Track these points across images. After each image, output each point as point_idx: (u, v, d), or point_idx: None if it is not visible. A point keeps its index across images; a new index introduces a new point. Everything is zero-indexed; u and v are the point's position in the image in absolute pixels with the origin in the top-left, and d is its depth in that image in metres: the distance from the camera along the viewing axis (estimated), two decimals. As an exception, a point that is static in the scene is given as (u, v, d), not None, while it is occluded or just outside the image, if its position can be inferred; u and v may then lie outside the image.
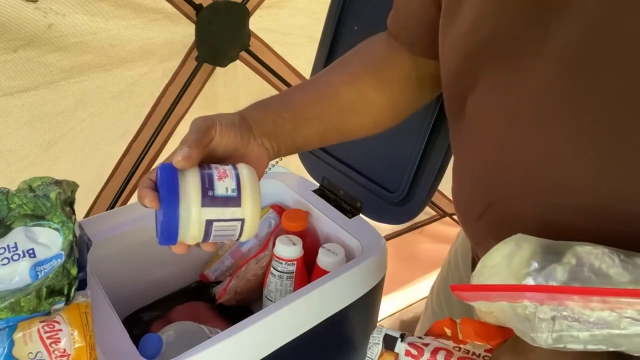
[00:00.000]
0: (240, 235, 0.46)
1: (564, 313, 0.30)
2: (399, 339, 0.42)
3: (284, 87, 1.24)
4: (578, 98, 0.36)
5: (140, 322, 0.72)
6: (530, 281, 0.32)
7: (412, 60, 0.56)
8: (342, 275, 0.60)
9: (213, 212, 0.44)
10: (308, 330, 0.59)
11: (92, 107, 0.98)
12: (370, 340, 0.43)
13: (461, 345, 0.39)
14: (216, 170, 0.46)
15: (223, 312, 0.75)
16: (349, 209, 0.75)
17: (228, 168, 0.46)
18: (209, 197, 0.44)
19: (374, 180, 0.74)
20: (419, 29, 0.53)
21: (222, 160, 0.49)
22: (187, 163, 0.44)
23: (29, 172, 0.74)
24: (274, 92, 1.24)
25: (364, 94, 0.56)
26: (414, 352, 0.40)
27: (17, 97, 0.88)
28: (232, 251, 0.78)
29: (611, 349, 0.30)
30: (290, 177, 0.81)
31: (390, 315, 1.64)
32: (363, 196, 0.75)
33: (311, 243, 0.72)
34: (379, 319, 0.75)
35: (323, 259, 0.66)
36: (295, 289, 0.67)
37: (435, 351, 0.39)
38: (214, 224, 0.45)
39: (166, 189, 0.43)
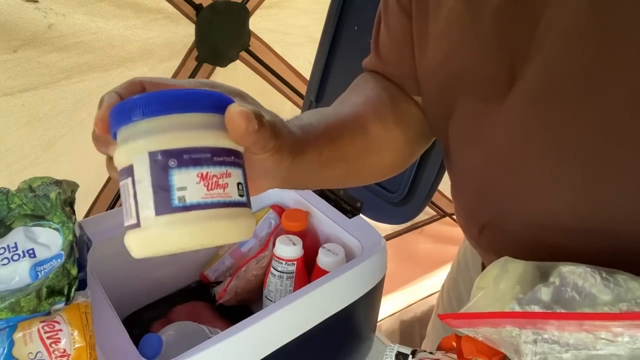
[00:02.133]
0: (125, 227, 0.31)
1: (545, 336, 0.31)
2: (410, 356, 0.42)
3: (284, 87, 1.24)
4: (547, 130, 0.38)
5: (140, 322, 0.72)
6: (514, 305, 0.33)
7: (413, 98, 0.54)
8: (342, 275, 0.60)
9: (142, 173, 0.29)
10: (308, 331, 0.59)
11: (92, 107, 0.97)
12: (383, 357, 0.43)
13: None
14: (219, 173, 0.30)
15: (223, 312, 0.75)
16: (349, 209, 0.75)
17: (228, 192, 0.30)
18: (164, 161, 0.29)
19: (374, 180, 0.74)
20: (412, 67, 0.50)
21: None
22: (239, 131, 0.30)
23: (29, 172, 0.74)
24: (274, 92, 1.24)
25: (389, 133, 0.51)
26: None
27: (17, 97, 0.88)
28: (232, 251, 0.78)
29: None
30: (290, 177, 0.81)
31: (390, 315, 1.64)
32: (363, 196, 0.75)
33: (311, 243, 0.72)
34: (379, 319, 0.75)
35: (323, 259, 0.66)
36: (295, 289, 0.67)
37: None
38: (122, 179, 0.30)
39: (185, 94, 0.30)
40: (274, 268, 0.68)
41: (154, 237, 0.29)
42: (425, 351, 0.42)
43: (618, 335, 0.29)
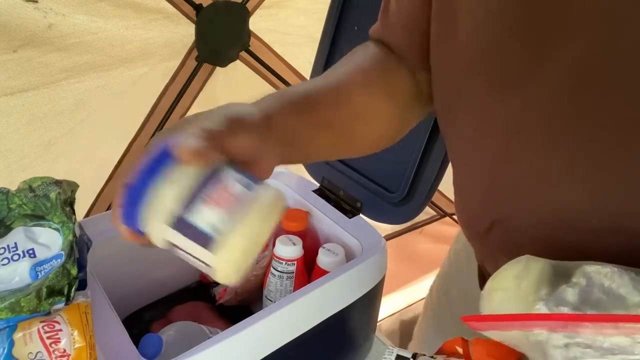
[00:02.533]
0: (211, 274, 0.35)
1: (577, 340, 0.30)
2: (411, 359, 0.41)
3: (283, 87, 1.23)
4: (572, 122, 0.36)
5: (140, 322, 0.72)
6: (541, 306, 0.32)
7: (410, 71, 0.54)
8: (342, 275, 0.60)
9: (178, 238, 0.34)
10: (308, 331, 0.59)
11: (92, 107, 0.98)
12: None
13: None
14: (217, 188, 0.34)
15: (223, 312, 0.75)
16: (349, 209, 0.75)
17: (237, 193, 0.34)
18: (179, 218, 0.33)
19: (374, 180, 0.74)
20: (418, 39, 0.50)
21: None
22: (192, 159, 0.34)
23: (29, 172, 0.74)
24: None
25: (375, 102, 0.52)
26: None
27: (17, 97, 0.88)
28: (232, 251, 0.78)
29: None
30: (290, 177, 0.81)
31: (390, 315, 1.64)
32: (363, 196, 0.74)
33: (311, 243, 0.72)
34: (379, 319, 0.75)
35: (323, 259, 0.66)
36: (295, 289, 0.67)
37: None
38: (176, 250, 0.35)
39: (145, 174, 0.34)
40: (274, 268, 0.68)
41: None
42: (425, 355, 0.42)
43: None
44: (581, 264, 0.33)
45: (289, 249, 0.67)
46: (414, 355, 0.41)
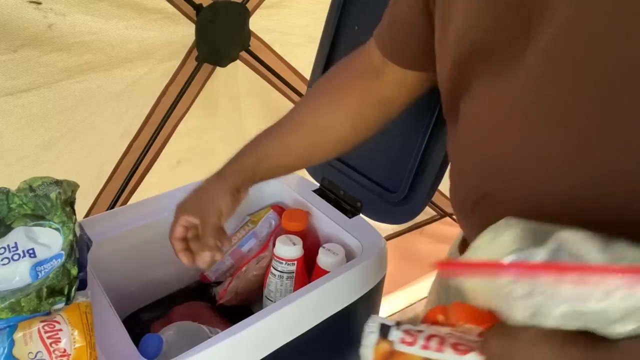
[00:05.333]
0: None
1: (539, 289, 0.31)
2: (394, 327, 0.42)
3: (284, 87, 1.24)
4: (553, 98, 0.39)
5: (140, 322, 0.72)
6: (509, 258, 0.33)
7: (381, 78, 0.60)
8: (342, 275, 0.60)
9: None
10: (308, 330, 0.59)
11: (92, 107, 0.98)
12: (366, 328, 0.43)
13: (453, 332, 0.39)
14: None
15: (223, 312, 0.75)
16: (349, 209, 0.75)
17: None
18: None
19: (374, 180, 0.74)
20: (411, 40, 0.56)
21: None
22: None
23: (29, 172, 0.73)
24: (274, 92, 1.24)
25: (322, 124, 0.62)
26: (409, 339, 0.41)
27: (17, 97, 0.88)
28: (233, 252, 0.78)
29: (584, 327, 0.31)
30: (290, 177, 0.81)
31: (390, 316, 1.65)
32: (363, 196, 0.75)
33: (311, 243, 0.72)
34: (379, 319, 0.75)
35: (323, 259, 0.66)
36: (295, 289, 0.67)
37: (429, 337, 0.40)
38: None
39: None
40: (274, 268, 0.68)
41: None
42: (408, 323, 0.42)
43: (611, 291, 0.29)
44: (556, 229, 0.34)
45: (289, 249, 0.67)
46: (397, 323, 0.42)
